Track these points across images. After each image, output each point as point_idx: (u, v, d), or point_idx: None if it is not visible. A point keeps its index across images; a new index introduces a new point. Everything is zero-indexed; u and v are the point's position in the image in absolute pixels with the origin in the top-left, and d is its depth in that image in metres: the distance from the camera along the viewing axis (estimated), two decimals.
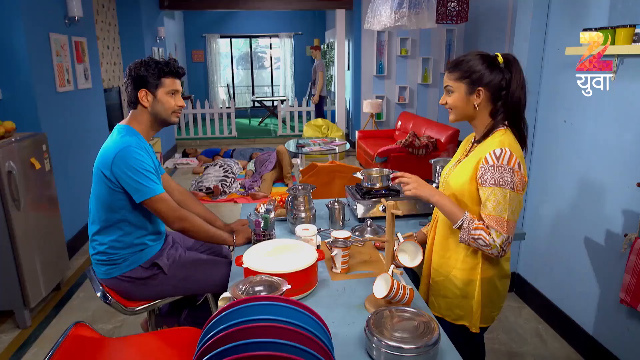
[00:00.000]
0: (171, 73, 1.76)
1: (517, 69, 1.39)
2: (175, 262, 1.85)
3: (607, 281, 2.19)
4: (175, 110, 1.80)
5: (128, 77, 1.75)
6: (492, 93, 1.40)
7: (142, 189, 1.66)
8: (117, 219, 1.74)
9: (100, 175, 1.70)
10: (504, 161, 1.32)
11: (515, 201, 1.34)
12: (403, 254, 1.38)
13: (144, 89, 1.73)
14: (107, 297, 1.78)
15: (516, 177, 1.33)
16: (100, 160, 1.71)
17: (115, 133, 1.76)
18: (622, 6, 2.02)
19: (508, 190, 1.32)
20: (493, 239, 1.34)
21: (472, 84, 1.39)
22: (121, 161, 1.65)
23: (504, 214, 1.32)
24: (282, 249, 1.51)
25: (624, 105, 2.04)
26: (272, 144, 8.23)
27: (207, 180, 5.20)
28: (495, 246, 1.33)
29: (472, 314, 1.48)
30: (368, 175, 2.06)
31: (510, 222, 1.34)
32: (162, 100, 1.76)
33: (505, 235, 1.33)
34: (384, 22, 4.12)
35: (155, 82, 1.73)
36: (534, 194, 2.76)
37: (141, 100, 1.74)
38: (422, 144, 5.01)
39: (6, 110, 3.00)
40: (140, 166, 1.66)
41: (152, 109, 1.76)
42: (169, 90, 1.76)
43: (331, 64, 9.09)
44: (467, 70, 1.39)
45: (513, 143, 1.38)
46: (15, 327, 2.64)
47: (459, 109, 1.44)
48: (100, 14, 5.12)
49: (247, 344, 0.87)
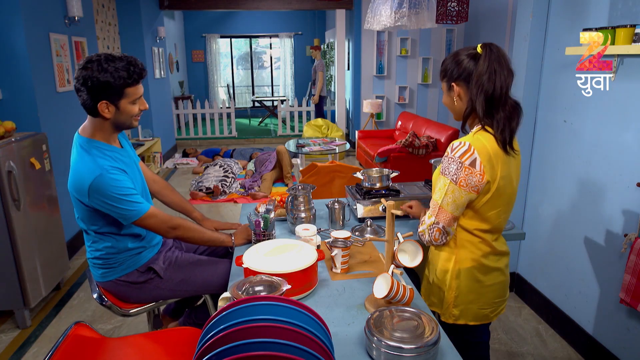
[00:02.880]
0: (135, 81, 1.58)
1: (487, 55, 1.34)
2: (172, 265, 1.83)
3: (607, 281, 2.19)
4: (137, 115, 1.65)
5: (82, 85, 1.53)
6: (467, 84, 1.40)
7: (127, 214, 1.59)
8: (108, 229, 1.69)
9: (76, 200, 1.62)
10: (457, 154, 1.35)
11: (453, 194, 1.36)
12: (403, 254, 1.38)
13: (105, 101, 1.55)
14: (103, 299, 1.78)
15: (462, 171, 1.33)
16: (73, 185, 1.59)
17: (78, 149, 1.62)
18: (622, 6, 2.02)
19: (449, 180, 1.36)
20: (424, 219, 1.45)
21: (448, 81, 1.45)
22: (98, 193, 1.54)
23: (439, 200, 1.40)
24: (282, 249, 1.51)
25: (624, 105, 2.04)
26: (272, 144, 8.24)
27: (207, 180, 5.20)
28: (424, 223, 1.45)
29: (443, 302, 1.52)
30: (368, 175, 2.06)
31: (443, 210, 1.39)
32: (125, 110, 1.60)
33: (434, 218, 1.41)
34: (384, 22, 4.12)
35: (119, 93, 1.55)
36: (534, 194, 2.76)
37: (102, 112, 1.58)
38: (422, 144, 5.01)
39: (6, 110, 3.00)
40: (119, 192, 1.55)
41: (114, 119, 1.61)
42: (132, 99, 1.60)
43: (331, 64, 9.09)
44: (444, 70, 1.46)
45: (485, 141, 1.35)
46: (15, 327, 2.64)
47: (449, 107, 1.50)
48: (100, 14, 5.12)
49: (247, 344, 0.87)
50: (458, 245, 1.46)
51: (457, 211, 1.39)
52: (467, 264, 1.46)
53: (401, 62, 7.12)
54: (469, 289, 1.48)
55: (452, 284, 1.48)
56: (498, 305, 1.55)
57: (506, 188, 1.40)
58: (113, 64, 1.52)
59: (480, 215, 1.41)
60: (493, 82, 1.33)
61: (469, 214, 1.42)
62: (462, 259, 1.46)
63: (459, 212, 1.40)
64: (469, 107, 1.40)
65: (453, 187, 1.35)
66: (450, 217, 1.39)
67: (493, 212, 1.41)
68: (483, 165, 1.33)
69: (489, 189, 1.36)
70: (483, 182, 1.34)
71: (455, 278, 1.47)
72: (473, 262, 1.46)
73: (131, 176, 1.68)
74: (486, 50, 1.35)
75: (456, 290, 1.48)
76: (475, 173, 1.33)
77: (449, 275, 1.48)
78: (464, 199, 1.37)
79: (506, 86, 1.36)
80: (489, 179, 1.35)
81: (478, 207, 1.40)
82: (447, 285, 1.49)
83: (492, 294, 1.51)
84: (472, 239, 1.45)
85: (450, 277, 1.48)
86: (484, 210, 1.40)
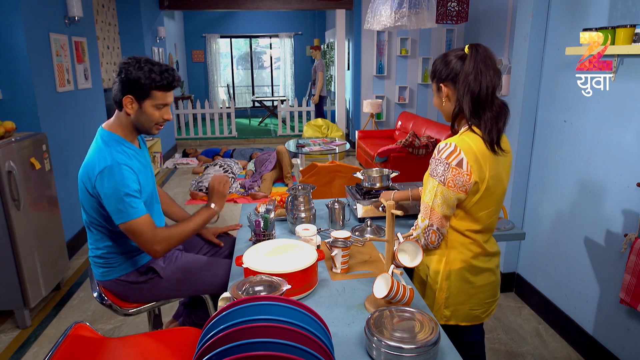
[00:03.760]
0: (164, 87, 1.60)
1: (473, 56, 1.35)
2: (172, 264, 1.83)
3: (607, 281, 2.19)
4: (158, 123, 1.67)
5: (117, 76, 1.60)
6: (454, 85, 1.40)
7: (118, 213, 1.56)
8: (110, 226, 1.68)
9: (84, 190, 1.62)
10: (443, 155, 1.35)
11: (443, 195, 1.37)
12: (403, 254, 1.38)
13: (130, 95, 1.59)
14: (103, 298, 1.78)
15: (450, 172, 1.34)
16: (84, 170, 1.61)
17: (99, 140, 1.64)
18: (622, 6, 2.03)
19: (437, 182, 1.37)
20: (417, 224, 1.46)
21: (437, 82, 1.46)
22: (102, 181, 1.54)
23: (429, 202, 1.41)
24: (282, 249, 1.51)
25: (624, 105, 2.04)
26: (272, 144, 8.24)
27: (207, 180, 5.20)
28: (419, 227, 1.45)
29: (434, 303, 1.52)
30: (368, 175, 2.06)
31: (434, 211, 1.40)
32: (147, 112, 1.62)
33: (427, 221, 1.42)
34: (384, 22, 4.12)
35: (145, 92, 1.59)
36: (534, 194, 2.76)
37: (125, 107, 1.61)
38: (422, 144, 5.01)
39: (6, 110, 3.00)
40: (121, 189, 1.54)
41: (135, 118, 1.64)
42: (157, 103, 1.62)
43: (331, 64, 9.09)
44: (433, 71, 1.47)
45: (472, 141, 1.35)
46: (15, 327, 2.64)
47: (439, 108, 1.51)
48: (100, 14, 5.12)
49: (247, 344, 0.87)
50: (449, 246, 1.46)
51: (449, 211, 1.40)
52: (457, 265, 1.46)
53: (401, 62, 7.12)
54: (460, 289, 1.48)
55: (442, 285, 1.48)
56: (489, 306, 1.56)
57: (496, 188, 1.40)
58: (150, 66, 1.58)
59: (471, 216, 1.41)
60: (479, 82, 1.33)
61: (460, 215, 1.42)
62: (452, 260, 1.46)
63: (450, 211, 1.41)
64: (457, 107, 1.41)
65: (442, 188, 1.36)
66: (441, 217, 1.41)
67: (484, 212, 1.41)
68: (470, 166, 1.33)
69: (478, 189, 1.36)
70: (470, 182, 1.34)
71: (446, 279, 1.48)
72: (463, 263, 1.46)
73: (143, 178, 1.68)
74: (472, 51, 1.35)
75: (447, 292, 1.48)
76: (463, 173, 1.33)
77: (440, 276, 1.48)
78: (454, 199, 1.38)
79: (492, 86, 1.35)
80: (476, 180, 1.34)
81: (469, 208, 1.40)
82: (438, 286, 1.49)
83: (483, 295, 1.52)
84: (463, 240, 1.45)
85: (441, 278, 1.48)
86: (474, 211, 1.40)
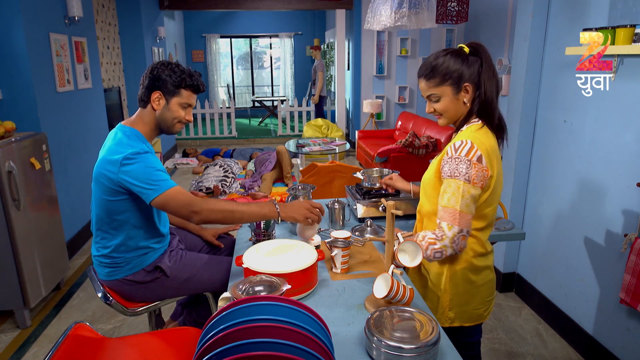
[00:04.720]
0: (192, 87, 1.72)
1: (485, 54, 1.38)
2: (177, 263, 1.84)
3: (607, 281, 2.19)
4: (181, 121, 1.75)
5: (148, 74, 1.68)
6: (476, 84, 1.40)
7: (150, 188, 1.58)
8: (121, 223, 1.69)
9: (101, 182, 1.63)
10: (462, 152, 1.33)
11: (469, 194, 1.32)
12: (403, 254, 1.38)
13: (159, 91, 1.68)
14: (108, 297, 1.78)
15: (472, 169, 1.32)
16: (104, 159, 1.62)
17: (119, 134, 1.67)
18: (622, 6, 2.03)
19: (462, 182, 1.32)
20: (443, 233, 1.34)
21: (457, 83, 1.39)
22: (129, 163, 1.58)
23: (456, 205, 1.32)
24: (282, 249, 1.51)
25: (624, 105, 2.04)
26: (272, 144, 8.24)
27: (207, 180, 5.20)
28: (446, 237, 1.33)
29: (438, 307, 1.50)
30: (368, 175, 2.06)
31: (464, 214, 1.33)
32: (173, 109, 1.71)
33: (457, 227, 1.33)
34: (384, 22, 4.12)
35: (174, 89, 1.69)
36: (534, 194, 2.76)
37: (152, 102, 1.69)
38: (422, 144, 5.01)
39: (6, 110, 3.00)
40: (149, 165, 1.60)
41: (160, 114, 1.71)
42: (183, 102, 1.72)
43: (331, 64, 9.09)
44: (446, 73, 1.38)
45: (483, 137, 1.37)
46: (15, 327, 2.64)
47: (450, 112, 1.44)
48: (100, 14, 5.12)
49: (247, 344, 0.87)
50: None
51: (475, 209, 1.37)
52: (460, 265, 1.46)
53: (401, 62, 7.12)
54: (463, 290, 1.48)
55: (446, 287, 1.48)
56: (489, 303, 1.56)
57: (500, 183, 1.44)
58: (179, 69, 1.70)
59: (478, 213, 1.41)
60: (496, 79, 1.39)
61: None
62: (455, 261, 1.46)
63: (475, 209, 1.38)
64: (477, 105, 1.40)
65: (468, 186, 1.32)
66: (470, 218, 1.36)
67: (490, 208, 1.42)
68: (488, 161, 1.35)
69: (490, 185, 1.38)
70: (488, 177, 1.35)
71: (450, 281, 1.47)
72: (465, 262, 1.46)
73: None
74: (481, 49, 1.39)
75: (451, 293, 1.48)
76: (482, 169, 1.34)
77: (443, 278, 1.48)
78: (478, 195, 1.35)
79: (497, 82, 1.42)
80: (492, 174, 1.36)
81: (479, 205, 1.40)
82: (442, 288, 1.48)
83: (485, 292, 1.52)
84: (468, 239, 1.44)
85: (445, 280, 1.47)
86: (482, 207, 1.40)
